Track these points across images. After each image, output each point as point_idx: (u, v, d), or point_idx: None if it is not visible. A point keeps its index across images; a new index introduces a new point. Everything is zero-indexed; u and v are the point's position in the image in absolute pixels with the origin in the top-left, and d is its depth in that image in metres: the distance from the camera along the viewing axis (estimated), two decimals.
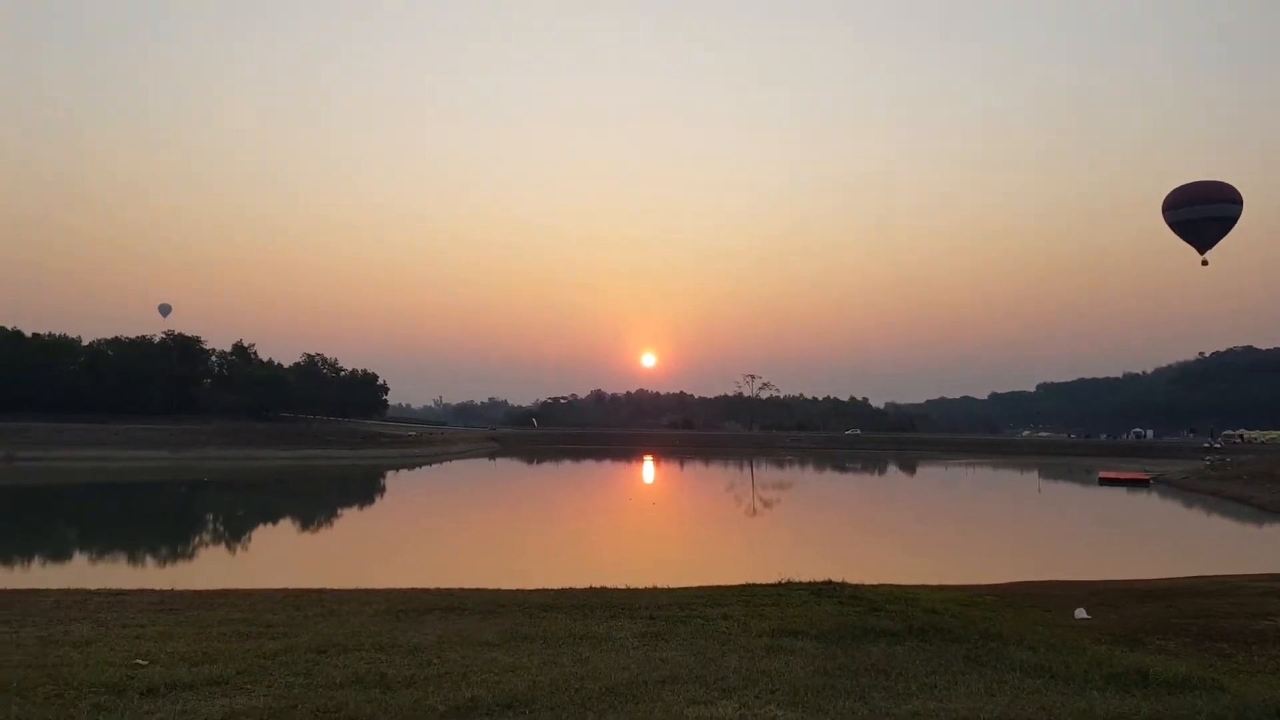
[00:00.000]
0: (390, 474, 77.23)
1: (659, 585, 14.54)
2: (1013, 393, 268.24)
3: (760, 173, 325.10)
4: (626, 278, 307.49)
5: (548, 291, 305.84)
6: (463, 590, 13.57)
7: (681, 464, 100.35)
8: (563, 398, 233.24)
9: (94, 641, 8.61)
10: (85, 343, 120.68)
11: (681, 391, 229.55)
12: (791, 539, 38.62)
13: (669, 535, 40.34)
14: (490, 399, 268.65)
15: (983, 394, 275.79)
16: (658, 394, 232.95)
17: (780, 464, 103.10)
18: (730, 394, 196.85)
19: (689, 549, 35.03)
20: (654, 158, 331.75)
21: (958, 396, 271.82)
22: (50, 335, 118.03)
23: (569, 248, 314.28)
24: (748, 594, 12.86)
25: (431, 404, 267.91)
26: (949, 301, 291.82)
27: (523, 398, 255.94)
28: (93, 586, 14.32)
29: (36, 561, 31.33)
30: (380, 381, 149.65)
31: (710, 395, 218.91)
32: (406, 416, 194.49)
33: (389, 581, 15.56)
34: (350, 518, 47.89)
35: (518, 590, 13.62)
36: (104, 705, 6.24)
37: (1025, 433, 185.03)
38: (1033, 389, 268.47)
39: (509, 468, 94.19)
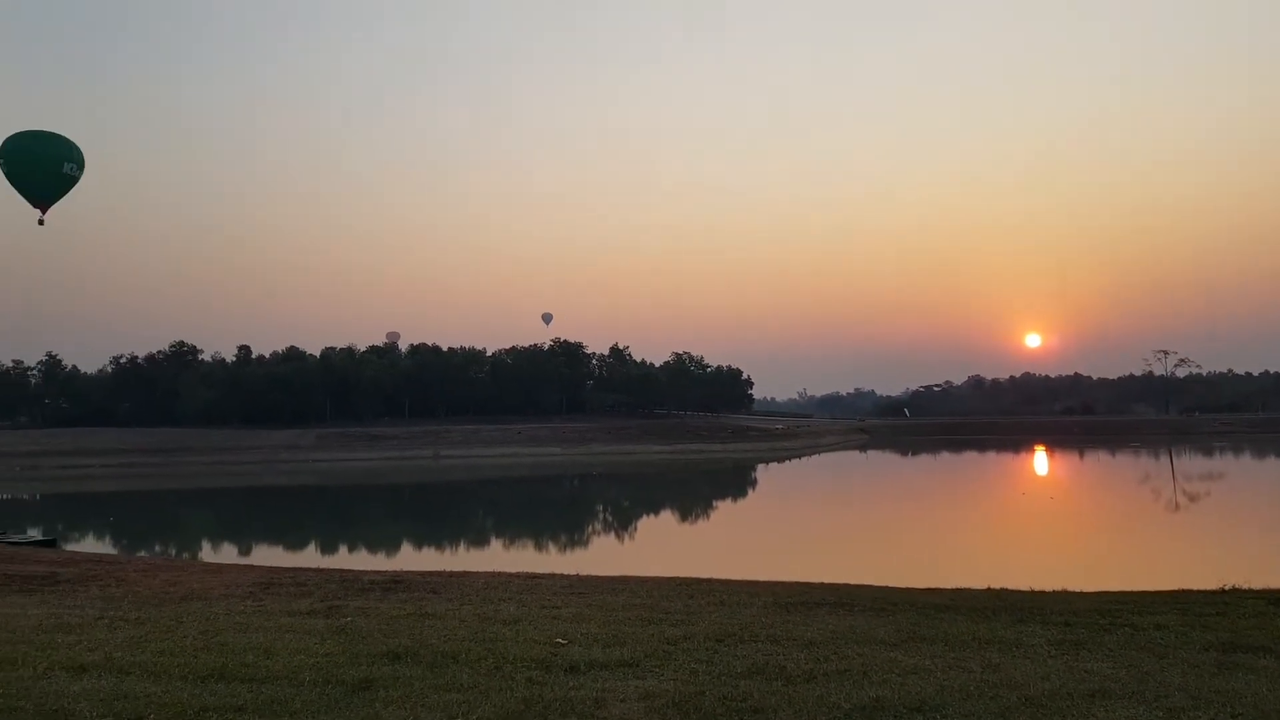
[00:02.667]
0: (760, 467, 79.32)
1: (1069, 588, 13.32)
2: None
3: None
4: (1003, 254, 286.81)
5: (917, 275, 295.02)
6: (849, 585, 13.47)
7: (1080, 454, 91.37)
8: (936, 385, 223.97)
9: (520, 620, 9.78)
10: (489, 353, 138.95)
11: (1075, 373, 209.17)
12: (1228, 539, 33.44)
13: (1072, 532, 36.88)
14: (856, 389, 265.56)
15: None
16: (1046, 377, 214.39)
17: (1208, 452, 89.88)
18: (1137, 373, 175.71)
19: (1098, 548, 31.72)
20: (1033, 128, 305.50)
21: None
22: (462, 348, 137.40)
23: (938, 227, 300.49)
24: (1182, 601, 11.30)
25: (796, 396, 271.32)
26: None
27: (892, 387, 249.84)
28: (511, 570, 16.33)
29: (463, 546, 36.55)
30: (745, 376, 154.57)
31: (1111, 376, 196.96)
32: (772, 410, 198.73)
33: (772, 574, 15.89)
34: (727, 510, 49.92)
35: (908, 588, 13.21)
36: (535, 680, 7.04)
37: None
38: None
39: (881, 460, 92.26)
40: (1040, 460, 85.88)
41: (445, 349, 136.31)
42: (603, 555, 32.17)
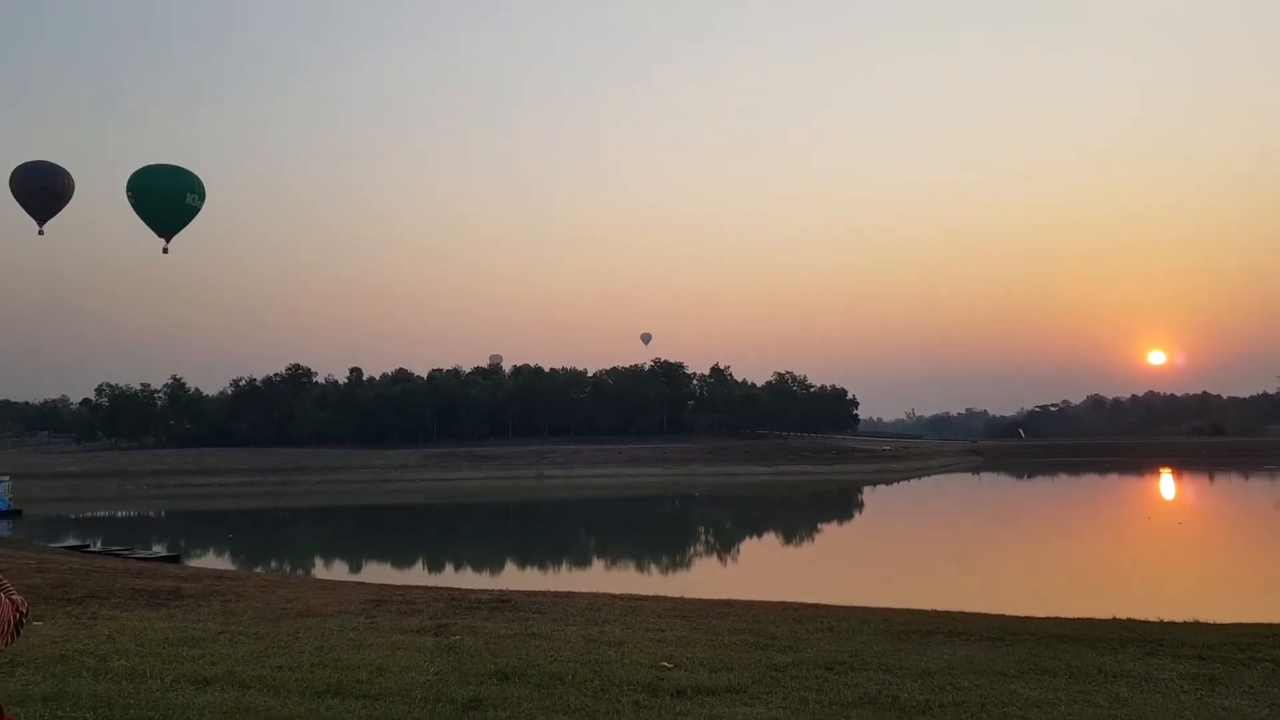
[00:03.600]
0: (867, 489, 77.66)
1: (1201, 619, 12.57)
2: None
3: None
4: (1124, 265, 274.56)
5: (1032, 289, 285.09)
6: (964, 613, 13.01)
7: (1210, 478, 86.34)
8: (1052, 405, 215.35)
9: (625, 642, 9.79)
10: (590, 374, 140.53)
11: (1204, 392, 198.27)
12: None
13: (1203, 560, 34.85)
14: (968, 409, 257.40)
15: None
16: (1172, 396, 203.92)
17: None
18: (1271, 391, 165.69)
19: (1232, 577, 29.88)
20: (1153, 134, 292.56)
21: None
22: (564, 369, 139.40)
23: (1054, 238, 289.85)
24: None
25: (903, 417, 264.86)
26: None
27: (1005, 407, 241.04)
28: (615, 591, 16.38)
29: (566, 566, 36.92)
30: (850, 396, 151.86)
31: (1243, 394, 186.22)
32: (878, 431, 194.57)
33: (882, 599, 15.52)
34: (834, 533, 49.03)
35: (1026, 617, 12.69)
36: (642, 703, 7.03)
37: None
38: None
39: (995, 483, 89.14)
40: (1166, 484, 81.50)
41: (547, 370, 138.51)
42: (706, 578, 32.00)
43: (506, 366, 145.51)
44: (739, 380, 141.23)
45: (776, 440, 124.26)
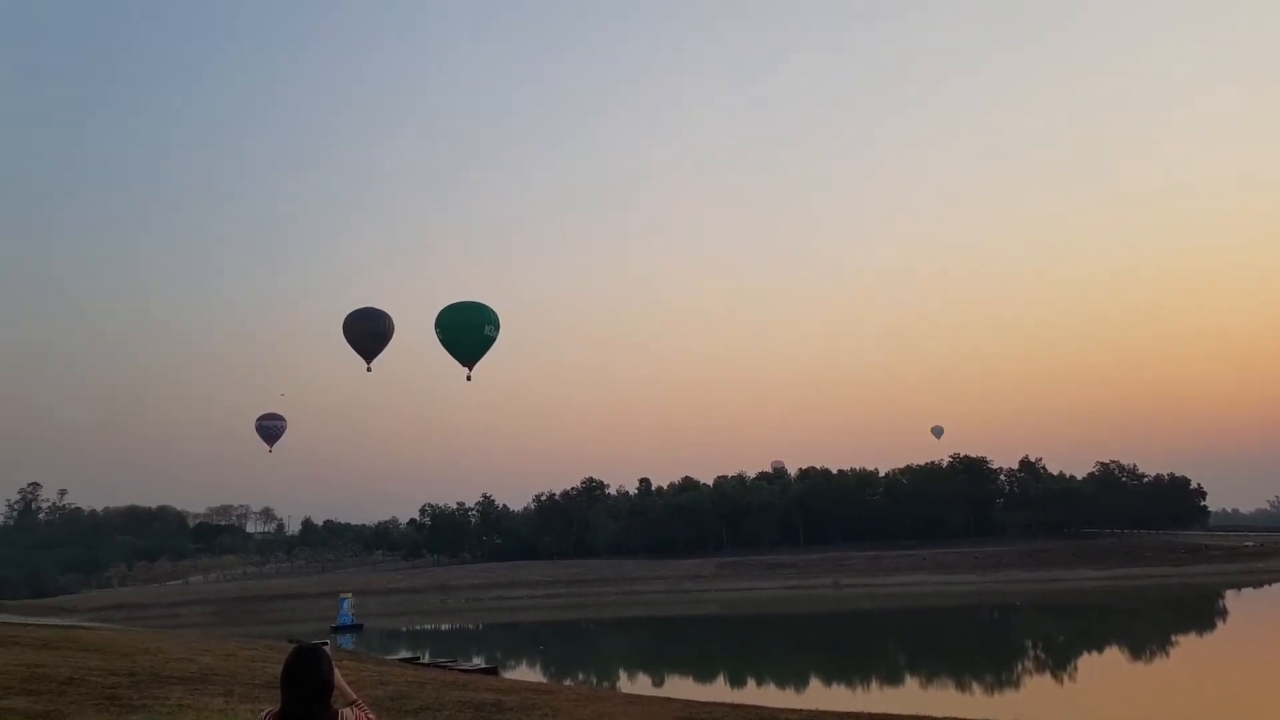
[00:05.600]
0: (1230, 594, 67.44)
1: None
2: None
3: None
4: None
5: None
6: None
7: None
8: None
9: None
10: (881, 474, 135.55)
11: None
12: None
13: None
14: None
15: None
16: None
17: None
18: None
19: None
20: None
21: None
22: (852, 470, 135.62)
23: None
24: None
25: (1267, 506, 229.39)
26: None
27: None
28: (937, 714, 15.10)
29: (875, 683, 34.89)
30: (1194, 485, 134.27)
31: None
32: (1235, 524, 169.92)
33: None
34: (1203, 648, 42.78)
35: None
36: None
37: None
38: None
39: None
40: None
41: (835, 472, 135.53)
42: (1043, 701, 28.92)
43: (791, 470, 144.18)
44: (1054, 473, 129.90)
45: (1108, 539, 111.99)
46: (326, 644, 4.00)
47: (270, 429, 63.72)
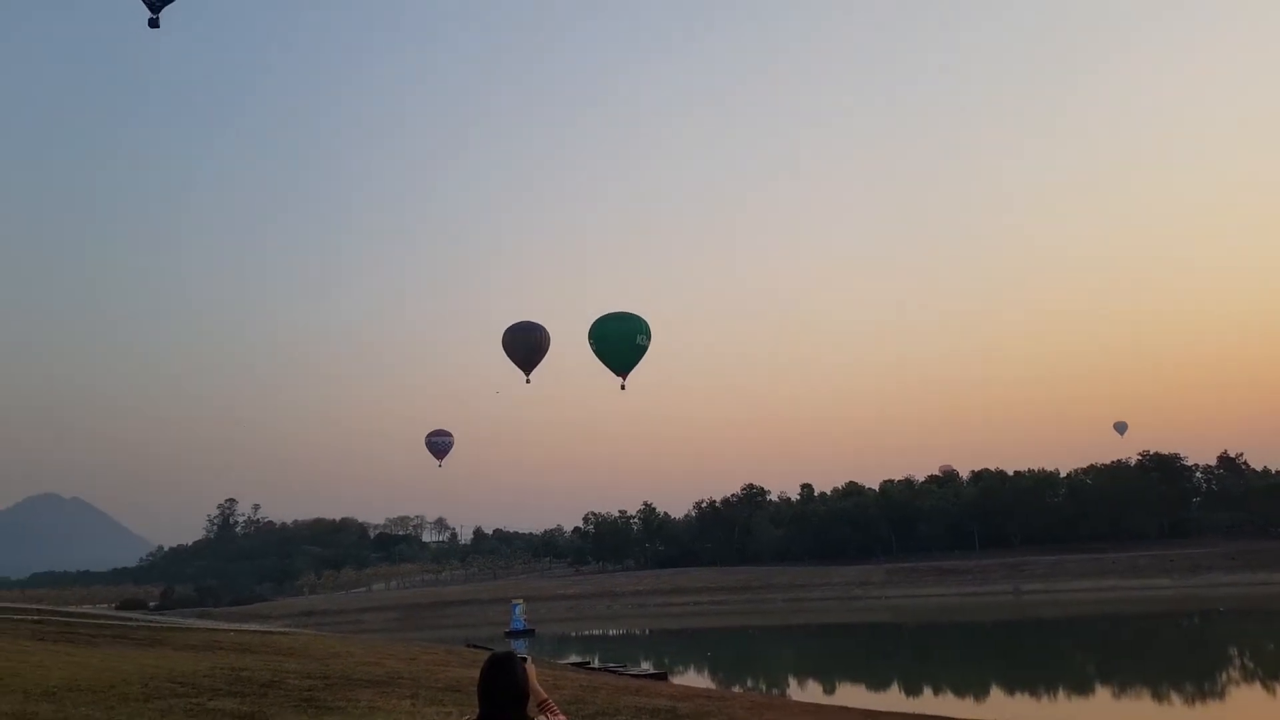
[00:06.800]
0: None
1: None
2: None
3: None
4: None
5: None
6: None
7: None
8: None
9: None
10: (1063, 474, 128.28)
11: None
12: None
13: None
14: None
15: None
16: None
17: None
18: None
19: None
20: None
21: None
22: (1030, 471, 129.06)
23: None
24: None
25: None
26: None
27: None
28: None
29: (1062, 693, 32.94)
30: None
31: None
32: None
33: None
34: None
35: None
36: None
37: None
38: None
39: None
40: None
41: (1011, 473, 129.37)
42: (1256, 716, 26.58)
43: (963, 473, 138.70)
44: (1259, 469, 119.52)
45: None
46: (526, 658, 4.09)
47: (439, 444, 66.71)
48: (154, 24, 21.26)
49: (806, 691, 35.13)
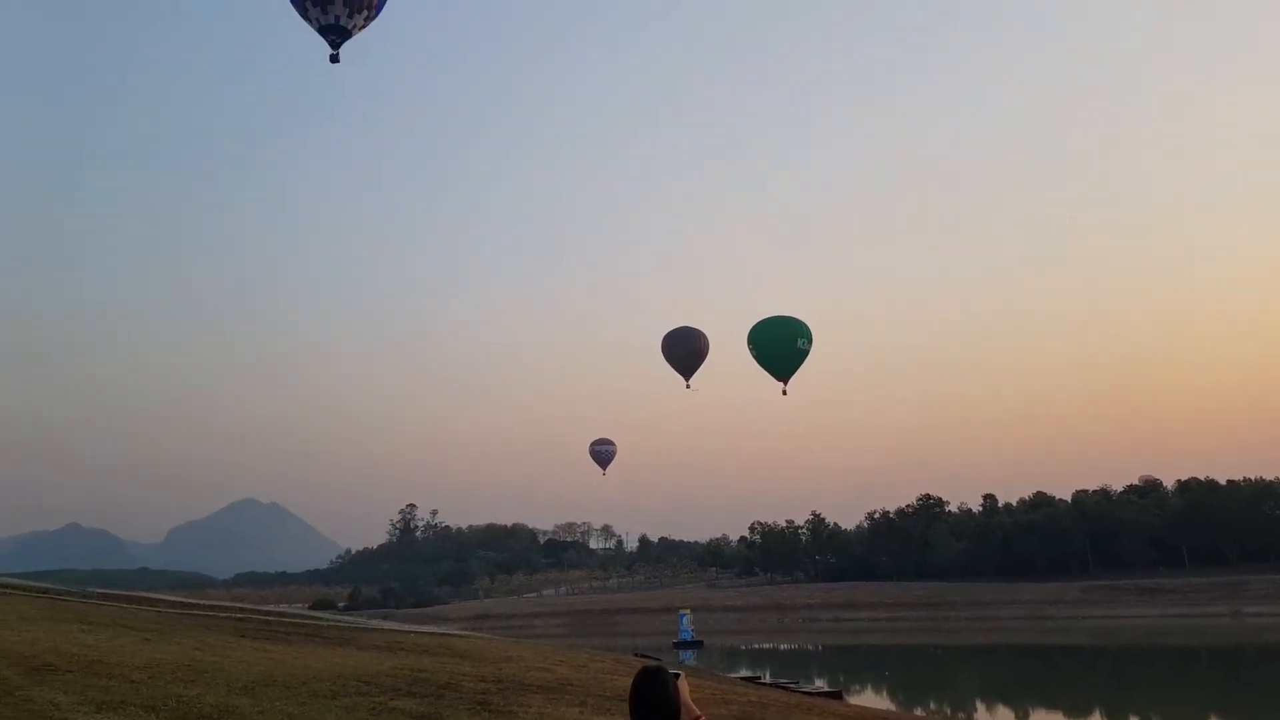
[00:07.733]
0: None
1: None
2: None
3: None
4: None
5: None
6: None
7: None
8: None
9: None
10: None
11: None
12: None
13: None
14: None
15: None
16: None
17: None
18: None
19: None
20: None
21: None
22: (1247, 480, 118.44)
23: None
24: None
25: None
26: None
27: None
28: None
29: None
30: None
31: None
32: None
33: None
34: None
35: None
36: None
37: None
38: None
39: None
40: None
41: (1224, 483, 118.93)
42: None
43: (1168, 483, 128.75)
44: None
45: None
46: (679, 674, 4.16)
47: (603, 454, 67.72)
48: (335, 59, 23.54)
49: (996, 718, 33.20)
